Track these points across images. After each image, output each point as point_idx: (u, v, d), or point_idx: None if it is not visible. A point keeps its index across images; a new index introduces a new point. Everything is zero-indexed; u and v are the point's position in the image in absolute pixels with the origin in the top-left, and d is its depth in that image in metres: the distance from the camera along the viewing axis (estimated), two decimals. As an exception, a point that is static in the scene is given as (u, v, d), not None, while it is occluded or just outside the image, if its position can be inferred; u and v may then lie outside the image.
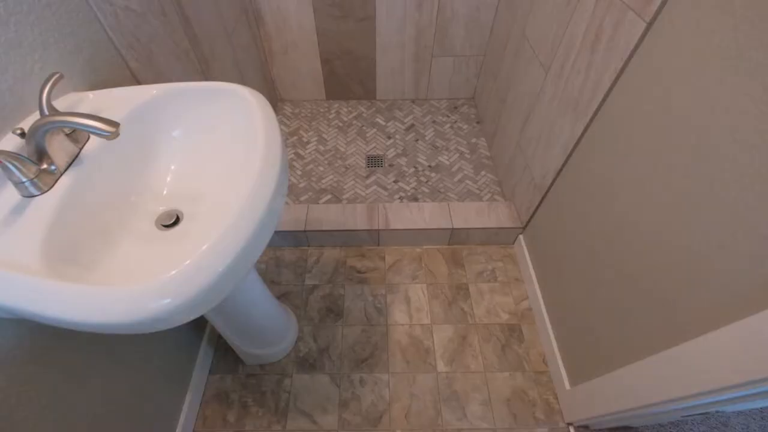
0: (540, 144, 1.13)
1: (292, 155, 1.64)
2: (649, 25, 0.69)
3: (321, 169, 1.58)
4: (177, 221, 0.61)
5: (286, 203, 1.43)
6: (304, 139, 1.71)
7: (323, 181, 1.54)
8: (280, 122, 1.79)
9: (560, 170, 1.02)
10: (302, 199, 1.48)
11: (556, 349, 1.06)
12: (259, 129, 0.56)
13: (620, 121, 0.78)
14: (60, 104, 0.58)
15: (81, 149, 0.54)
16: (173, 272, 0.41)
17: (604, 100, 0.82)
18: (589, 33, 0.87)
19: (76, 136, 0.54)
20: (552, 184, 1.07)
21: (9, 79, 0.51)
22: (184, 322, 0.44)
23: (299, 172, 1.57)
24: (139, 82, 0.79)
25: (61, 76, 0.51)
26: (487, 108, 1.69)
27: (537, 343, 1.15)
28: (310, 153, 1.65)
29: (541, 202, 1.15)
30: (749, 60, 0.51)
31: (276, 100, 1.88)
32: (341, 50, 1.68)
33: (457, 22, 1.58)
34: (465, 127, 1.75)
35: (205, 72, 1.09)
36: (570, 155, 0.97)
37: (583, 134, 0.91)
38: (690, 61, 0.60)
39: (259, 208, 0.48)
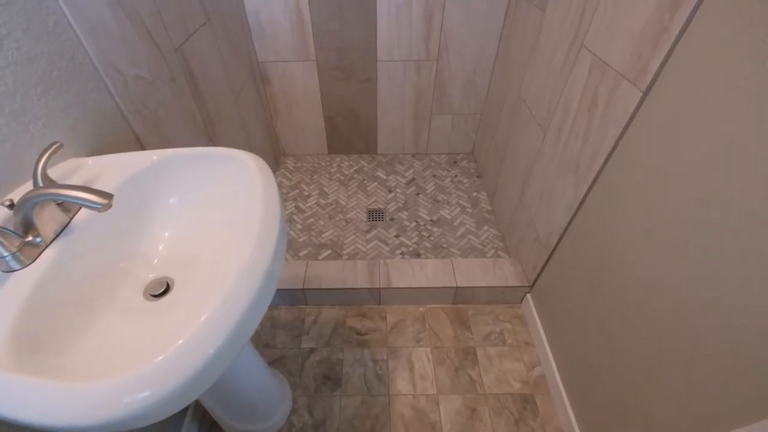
0: (542, 203, 1.12)
1: (293, 209, 1.63)
2: (645, 94, 0.70)
3: (321, 223, 1.57)
4: (167, 290, 0.58)
5: (285, 259, 1.39)
6: (305, 193, 1.71)
7: (323, 235, 1.52)
8: (282, 176, 1.81)
9: (565, 230, 1.00)
10: (301, 254, 1.45)
11: (575, 425, 0.97)
12: (258, 197, 0.54)
13: (622, 186, 0.77)
14: (57, 171, 0.57)
15: (72, 218, 0.52)
16: (151, 363, 0.36)
17: (604, 165, 0.82)
18: (585, 98, 0.89)
19: (68, 205, 0.52)
20: (558, 243, 1.04)
21: (7, 148, 0.50)
22: (168, 415, 0.39)
23: (299, 226, 1.55)
24: (142, 146, 0.79)
25: (61, 146, 0.51)
26: (486, 163, 1.71)
27: (553, 417, 1.05)
28: (310, 206, 1.64)
29: (547, 260, 1.11)
30: (746, 129, 0.50)
31: (279, 155, 1.92)
32: (344, 109, 1.75)
33: (454, 83, 1.65)
34: (465, 181, 1.77)
35: (210, 133, 1.11)
36: (575, 215, 0.95)
37: (585, 196, 0.90)
38: (688, 130, 0.61)
39: (256, 277, 0.45)
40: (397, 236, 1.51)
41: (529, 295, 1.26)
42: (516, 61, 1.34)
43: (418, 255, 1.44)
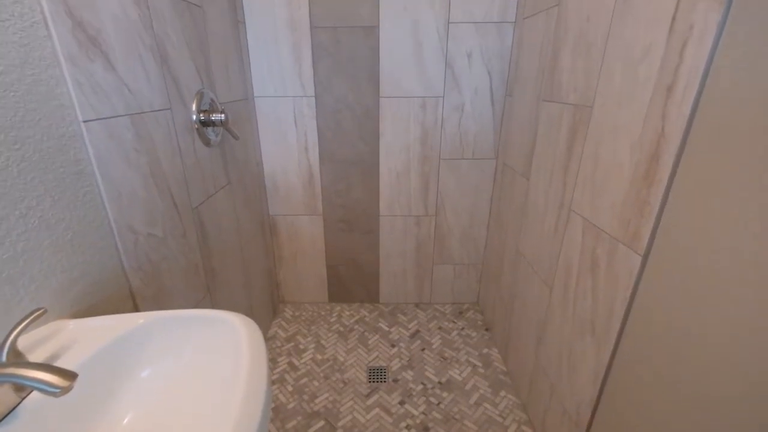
0: (563, 367, 1.01)
1: (286, 365, 1.48)
2: (645, 258, 0.71)
3: (316, 384, 1.39)
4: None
5: None
6: (301, 346, 1.58)
7: (317, 400, 1.32)
8: (279, 326, 1.72)
9: (597, 404, 0.86)
10: (289, 426, 1.23)
11: None
12: (242, 374, 0.48)
13: (650, 352, 0.70)
14: (32, 337, 0.52)
15: (23, 399, 0.45)
16: None
17: (623, 327, 0.77)
18: (584, 260, 0.90)
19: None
20: (592, 420, 0.88)
21: (-15, 315, 0.47)
22: None
23: (290, 388, 1.38)
24: (135, 301, 0.76)
25: (44, 313, 0.48)
26: (493, 315, 1.64)
27: None
28: (305, 363, 1.49)
29: (581, 442, 0.93)
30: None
31: (278, 302, 1.86)
32: (346, 258, 1.79)
33: (453, 236, 1.74)
34: (474, 334, 1.66)
35: (209, 285, 1.10)
36: (603, 385, 0.84)
37: (611, 363, 0.81)
38: (697, 290, 0.58)
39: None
40: (401, 403, 1.31)
41: (566, 491, 1.00)
42: (509, 220, 1.43)
43: (426, 429, 1.22)
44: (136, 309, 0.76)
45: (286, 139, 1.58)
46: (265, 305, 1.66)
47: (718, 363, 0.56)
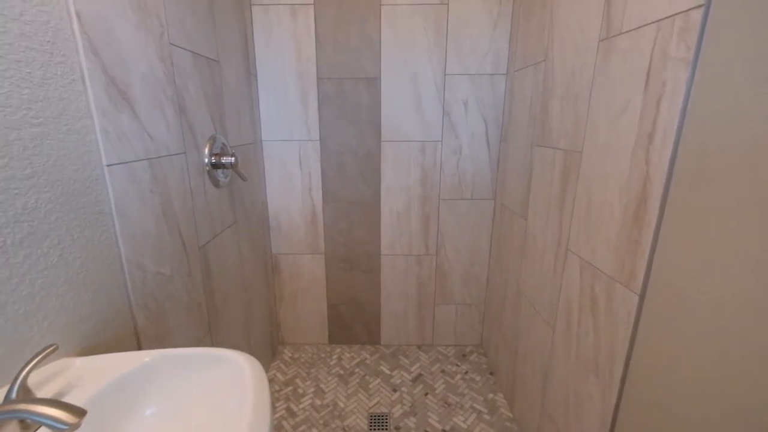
0: (570, 412, 0.98)
1: (283, 411, 1.43)
2: (642, 297, 0.72)
3: None
4: None
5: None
6: (300, 390, 1.54)
7: (314, 448, 1.27)
8: (278, 369, 1.67)
9: (605, 451, 0.83)
10: (284, 476, 1.17)
11: None
12: (247, 407, 0.48)
13: (657, 392, 0.69)
14: (40, 375, 0.53)
15: (27, 438, 0.45)
16: None
17: (626, 368, 0.77)
18: (584, 298, 0.91)
19: (28, 422, 0.46)
20: (600, 469, 0.85)
21: (0, 351, 0.49)
22: None
23: (287, 435, 1.32)
24: (139, 339, 0.77)
25: (56, 349, 0.49)
26: (497, 358, 1.60)
27: None
28: (304, 409, 1.44)
29: (592, 495, 0.88)
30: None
31: (277, 344, 1.83)
32: (348, 297, 1.78)
33: (454, 275, 1.74)
34: (478, 378, 1.61)
35: (211, 323, 1.10)
36: (612, 431, 0.81)
37: (618, 404, 0.79)
38: (696, 330, 0.59)
39: None
40: (402, 451, 1.26)
41: None
42: (509, 259, 1.45)
43: (428, 480, 1.15)
44: (139, 347, 0.77)
45: (291, 180, 1.64)
46: (264, 347, 1.63)
47: (724, 406, 0.56)
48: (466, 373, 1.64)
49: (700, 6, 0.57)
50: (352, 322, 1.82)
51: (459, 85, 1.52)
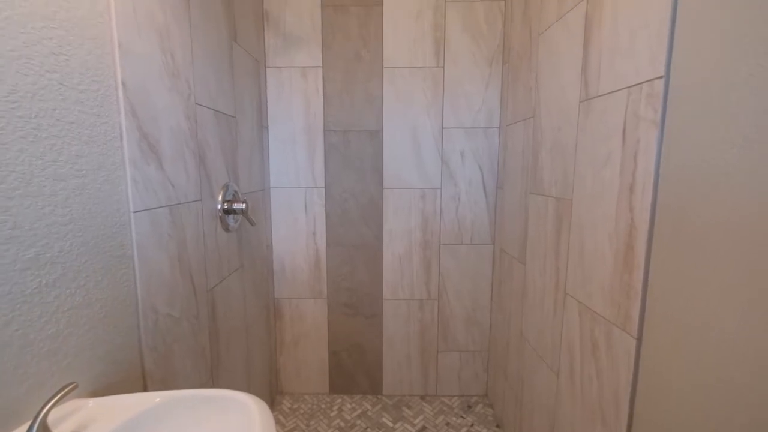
0: (577, 461, 0.95)
1: (280, 466, 1.36)
2: (639, 340, 0.74)
3: (312, 487, 1.27)
4: None
5: None
6: (298, 443, 1.47)
7: (312, 508, 1.19)
8: (276, 420, 1.60)
9: (617, 506, 0.80)
10: None
11: None
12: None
13: (662, 440, 0.69)
14: (54, 414, 0.54)
15: (40, 477, 0.46)
16: None
17: (631, 414, 0.77)
18: (585, 342, 0.93)
19: (46, 458, 0.47)
20: None
21: (23, 389, 0.51)
22: None
23: (283, 493, 1.25)
24: (145, 382, 0.78)
25: (75, 387, 0.51)
26: (504, 408, 1.55)
27: None
28: (301, 463, 1.38)
29: None
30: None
31: (275, 393, 1.78)
32: (350, 344, 1.76)
33: (456, 320, 1.74)
34: (484, 431, 1.55)
35: (213, 368, 1.09)
36: (621, 483, 0.79)
37: (625, 454, 0.78)
38: (692, 371, 0.61)
39: None
40: None
41: None
42: (510, 303, 1.46)
43: None
44: (145, 389, 0.77)
45: (297, 224, 1.70)
46: (263, 396, 1.59)
47: (723, 447, 0.56)
48: (472, 425, 1.58)
49: (660, 77, 0.66)
50: (354, 369, 1.78)
51: (455, 137, 1.63)
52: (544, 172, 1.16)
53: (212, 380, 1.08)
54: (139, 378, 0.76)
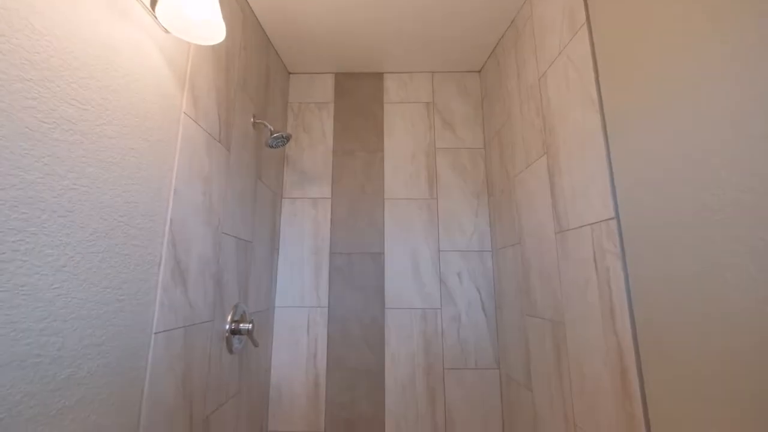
0: None
1: None
2: (656, 476, 0.71)
3: None
4: None
5: None
6: None
7: None
8: None
9: None
10: None
11: None
12: None
13: None
14: None
15: None
16: None
17: None
18: (603, 481, 0.85)
19: None
20: None
21: None
22: None
23: None
24: None
25: None
26: None
27: None
28: None
29: None
30: None
31: None
32: (346, 492, 1.54)
33: (466, 461, 1.55)
34: None
35: None
36: None
37: None
38: None
39: None
40: None
41: None
42: (523, 436, 1.35)
43: None
44: None
45: (298, 345, 1.68)
46: None
47: None
48: None
49: (613, 218, 0.81)
50: None
51: (452, 260, 1.76)
52: (536, 295, 1.24)
53: None
54: None
